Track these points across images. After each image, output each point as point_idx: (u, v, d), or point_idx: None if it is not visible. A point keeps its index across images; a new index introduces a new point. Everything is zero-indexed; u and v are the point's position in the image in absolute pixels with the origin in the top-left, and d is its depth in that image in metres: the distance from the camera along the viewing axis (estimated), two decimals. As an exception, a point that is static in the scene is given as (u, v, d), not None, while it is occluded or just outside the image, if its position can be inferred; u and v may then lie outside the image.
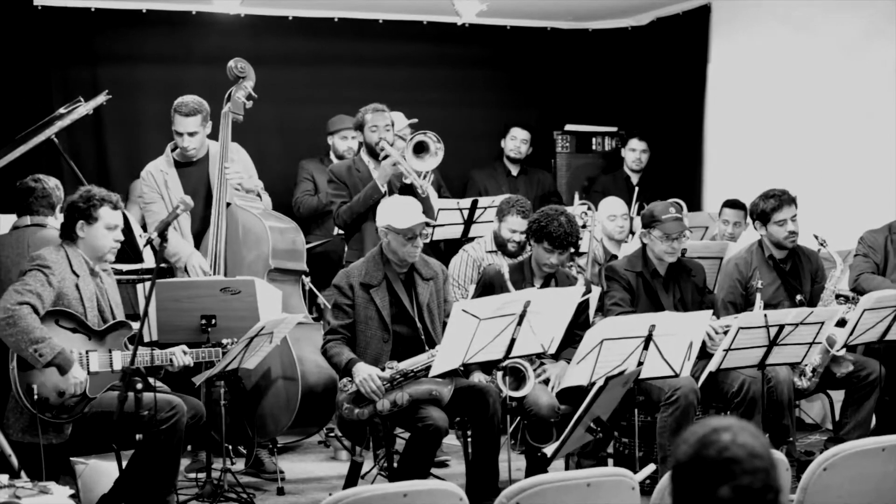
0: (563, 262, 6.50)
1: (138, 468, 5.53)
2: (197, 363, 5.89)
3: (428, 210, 7.12)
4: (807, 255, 6.94)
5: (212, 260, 6.88)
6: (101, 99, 7.94)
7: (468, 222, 8.08)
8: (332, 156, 8.86)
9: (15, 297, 5.38)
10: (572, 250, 6.61)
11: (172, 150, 7.12)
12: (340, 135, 8.81)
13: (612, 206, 8.34)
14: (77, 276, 5.65)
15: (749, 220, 8.59)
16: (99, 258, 5.79)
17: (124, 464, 5.68)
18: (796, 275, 6.85)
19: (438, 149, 7.06)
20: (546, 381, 6.22)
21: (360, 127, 7.37)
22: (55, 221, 6.58)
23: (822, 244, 6.88)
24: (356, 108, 7.67)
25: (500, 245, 7.24)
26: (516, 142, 9.81)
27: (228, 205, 6.96)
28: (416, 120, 8.13)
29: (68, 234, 5.74)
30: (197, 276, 6.78)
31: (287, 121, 9.77)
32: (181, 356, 5.74)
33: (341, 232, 8.01)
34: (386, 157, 7.12)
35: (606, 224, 8.22)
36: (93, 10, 9.32)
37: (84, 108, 7.73)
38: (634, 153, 9.81)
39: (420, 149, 7.09)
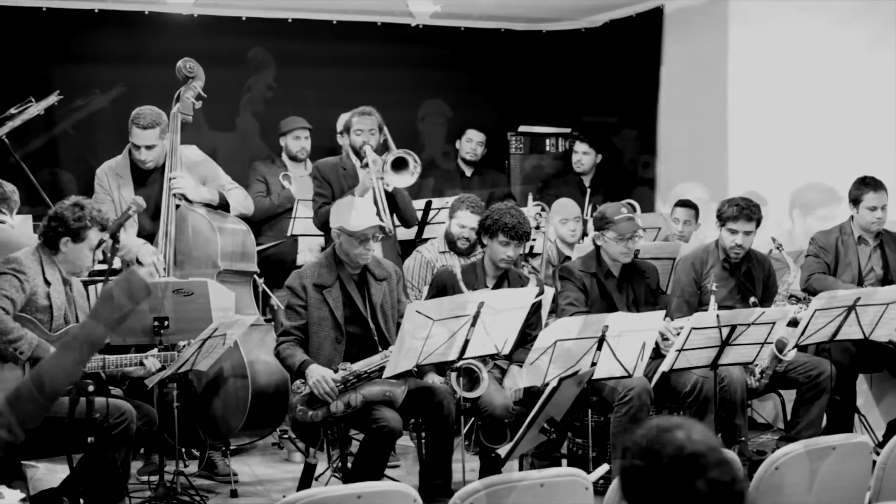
0: (518, 254, 6.51)
1: (86, 471, 5.48)
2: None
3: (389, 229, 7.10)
4: (759, 259, 7.02)
5: (162, 261, 6.82)
6: (53, 99, 7.90)
7: (422, 224, 8.05)
8: (283, 156, 8.83)
9: None
10: (527, 244, 6.60)
11: (130, 154, 7.03)
12: (293, 135, 8.80)
13: (564, 209, 8.33)
14: (49, 284, 5.63)
15: (699, 219, 8.71)
16: (75, 273, 5.81)
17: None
18: (750, 277, 6.91)
19: (416, 170, 7.04)
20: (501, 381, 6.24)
21: (346, 129, 7.35)
22: (11, 220, 6.55)
23: (777, 247, 6.94)
24: (310, 109, 7.65)
25: (451, 242, 7.25)
26: (472, 143, 9.81)
27: (178, 206, 6.91)
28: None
29: (49, 243, 5.70)
30: (151, 265, 6.71)
31: (241, 121, 9.71)
32: (153, 360, 5.74)
33: (297, 233, 7.98)
34: (366, 164, 7.08)
35: (559, 227, 8.20)
36: (44, 9, 9.21)
37: (35, 109, 7.68)
38: (577, 155, 9.85)
39: (399, 165, 7.06)
